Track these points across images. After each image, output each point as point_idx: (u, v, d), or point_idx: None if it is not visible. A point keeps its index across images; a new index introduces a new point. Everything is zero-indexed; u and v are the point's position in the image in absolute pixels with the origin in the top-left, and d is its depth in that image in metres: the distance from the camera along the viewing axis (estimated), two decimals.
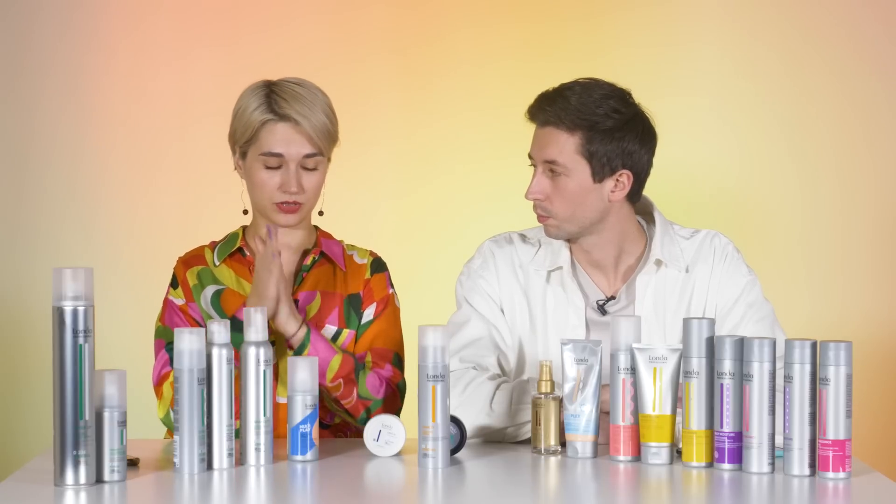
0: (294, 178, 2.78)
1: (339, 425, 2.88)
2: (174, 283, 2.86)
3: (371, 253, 2.95)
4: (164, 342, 2.79)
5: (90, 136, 4.17)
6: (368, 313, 2.88)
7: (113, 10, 4.17)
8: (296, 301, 2.84)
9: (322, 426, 2.83)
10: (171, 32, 4.17)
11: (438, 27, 4.20)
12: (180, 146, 4.15)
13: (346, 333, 2.86)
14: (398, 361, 2.89)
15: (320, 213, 2.89)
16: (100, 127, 4.16)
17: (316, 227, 2.94)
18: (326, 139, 2.81)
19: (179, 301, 2.84)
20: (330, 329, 2.85)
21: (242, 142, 2.82)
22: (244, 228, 2.91)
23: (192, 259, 2.88)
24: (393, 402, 2.83)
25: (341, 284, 2.89)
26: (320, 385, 2.72)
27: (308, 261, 2.88)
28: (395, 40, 4.19)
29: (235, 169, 2.87)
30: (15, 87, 4.17)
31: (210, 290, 2.84)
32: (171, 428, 2.70)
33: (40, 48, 4.17)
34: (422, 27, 4.20)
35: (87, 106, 4.17)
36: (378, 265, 2.93)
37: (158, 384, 2.77)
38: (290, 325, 2.74)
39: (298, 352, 2.74)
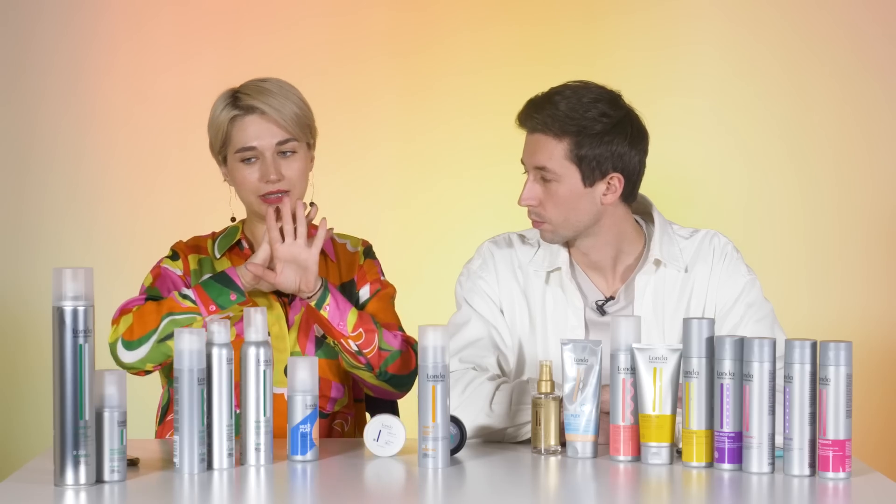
0: (271, 166, 2.80)
1: (338, 413, 2.90)
2: (174, 257, 2.88)
3: (363, 242, 2.98)
4: (146, 294, 2.81)
5: (91, 136, 4.18)
6: (364, 293, 2.92)
7: (114, 12, 4.17)
8: (292, 296, 2.85)
9: (321, 415, 2.83)
10: (173, 34, 4.18)
11: (438, 31, 4.20)
12: (181, 147, 4.15)
13: None
14: (403, 331, 2.92)
15: (311, 204, 2.89)
16: (101, 128, 4.17)
17: None
18: (297, 124, 2.82)
19: (178, 271, 2.86)
20: None
21: (219, 147, 2.85)
22: (243, 222, 2.93)
23: (194, 246, 2.90)
24: (408, 358, 2.84)
25: (333, 275, 2.91)
26: (341, 337, 2.76)
27: None
28: (396, 44, 4.20)
29: (225, 180, 2.89)
30: (16, 88, 4.18)
31: None
32: (114, 356, 2.72)
33: (42, 49, 4.17)
34: (422, 31, 4.20)
35: (88, 107, 4.18)
36: (370, 252, 2.98)
37: (122, 312, 2.75)
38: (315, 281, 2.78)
39: (318, 305, 2.76)
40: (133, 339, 2.71)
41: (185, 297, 2.72)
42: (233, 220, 2.91)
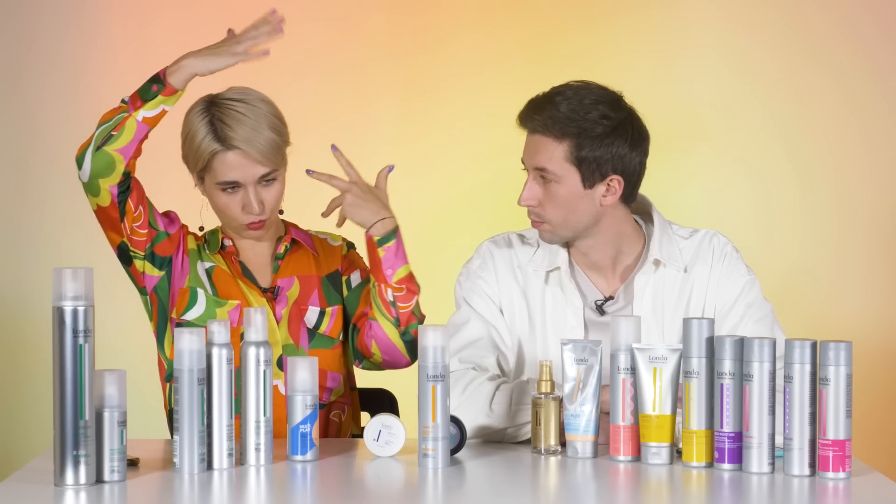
0: (254, 199, 2.84)
1: (334, 403, 2.91)
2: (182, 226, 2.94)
3: (343, 238, 3.02)
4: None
5: None
6: (356, 277, 2.96)
7: (115, 14, 4.18)
8: (276, 288, 2.87)
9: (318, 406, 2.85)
10: (173, 36, 4.18)
11: (438, 34, 4.20)
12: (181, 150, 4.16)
13: (330, 311, 2.92)
14: None
15: (280, 212, 2.93)
16: None
17: (282, 220, 2.99)
18: (277, 154, 2.85)
19: (167, 217, 2.93)
20: (314, 310, 2.90)
21: (198, 169, 2.87)
22: (219, 227, 2.97)
23: (194, 234, 2.96)
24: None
25: (316, 267, 2.94)
26: (383, 282, 2.81)
27: (281, 249, 2.94)
28: (395, 47, 4.20)
29: (196, 186, 2.92)
30: (18, 89, 4.18)
31: (206, 263, 2.92)
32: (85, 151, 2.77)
33: (43, 50, 4.18)
34: (422, 34, 4.20)
35: (89, 107, 4.17)
36: (353, 246, 3.03)
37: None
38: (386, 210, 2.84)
39: (381, 241, 2.80)
40: (77, 155, 2.78)
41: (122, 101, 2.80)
42: (201, 229, 2.95)
